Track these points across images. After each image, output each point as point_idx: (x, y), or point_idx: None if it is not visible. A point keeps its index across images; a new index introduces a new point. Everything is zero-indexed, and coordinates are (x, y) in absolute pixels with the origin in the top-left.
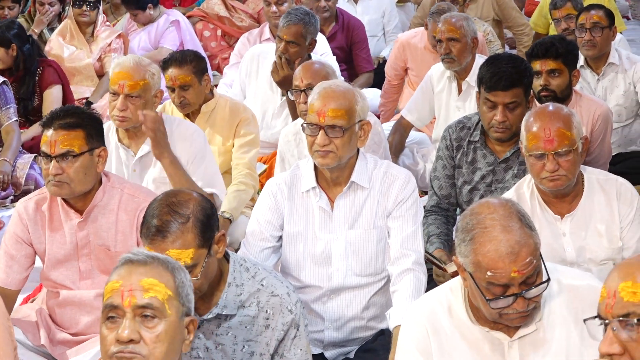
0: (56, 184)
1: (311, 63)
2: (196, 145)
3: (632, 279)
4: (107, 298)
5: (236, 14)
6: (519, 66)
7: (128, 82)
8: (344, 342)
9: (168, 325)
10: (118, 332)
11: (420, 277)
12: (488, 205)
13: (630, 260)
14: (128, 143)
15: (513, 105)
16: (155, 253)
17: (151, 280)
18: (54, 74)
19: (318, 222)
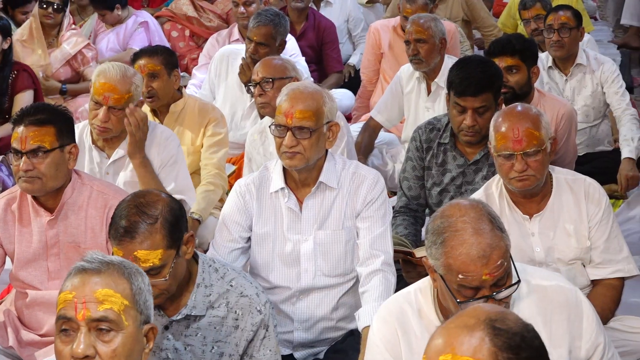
0: (27, 180)
1: (272, 58)
2: (170, 150)
3: (452, 350)
4: (61, 309)
5: (204, 14)
6: (489, 70)
7: (114, 96)
8: (314, 343)
9: (125, 338)
10: (73, 347)
11: (389, 277)
12: (459, 207)
13: (449, 325)
14: (102, 145)
15: (483, 109)
16: (110, 257)
17: (106, 290)
18: (28, 78)
19: (287, 222)
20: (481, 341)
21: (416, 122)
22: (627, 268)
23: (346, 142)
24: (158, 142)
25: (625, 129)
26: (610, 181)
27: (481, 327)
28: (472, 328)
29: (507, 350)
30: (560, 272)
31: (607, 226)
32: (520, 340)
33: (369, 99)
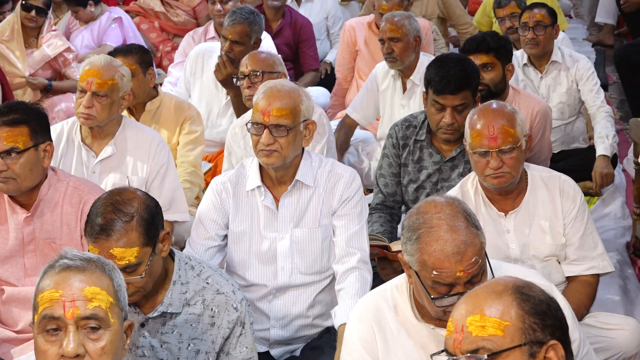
0: (2, 180)
1: (258, 52)
2: (161, 159)
3: (480, 312)
4: (45, 308)
5: (172, 10)
6: (467, 68)
7: (97, 80)
8: (290, 340)
9: (112, 335)
10: (63, 346)
11: (365, 275)
12: (435, 204)
13: (477, 291)
14: (90, 143)
15: (461, 107)
16: (89, 254)
17: (93, 288)
18: None
19: (263, 220)
20: (509, 305)
21: (392, 119)
22: (602, 265)
23: (327, 140)
24: (148, 148)
25: (600, 126)
26: (585, 178)
27: (509, 292)
28: (501, 293)
29: (534, 315)
30: (535, 268)
31: (582, 223)
32: (547, 308)
33: (344, 97)
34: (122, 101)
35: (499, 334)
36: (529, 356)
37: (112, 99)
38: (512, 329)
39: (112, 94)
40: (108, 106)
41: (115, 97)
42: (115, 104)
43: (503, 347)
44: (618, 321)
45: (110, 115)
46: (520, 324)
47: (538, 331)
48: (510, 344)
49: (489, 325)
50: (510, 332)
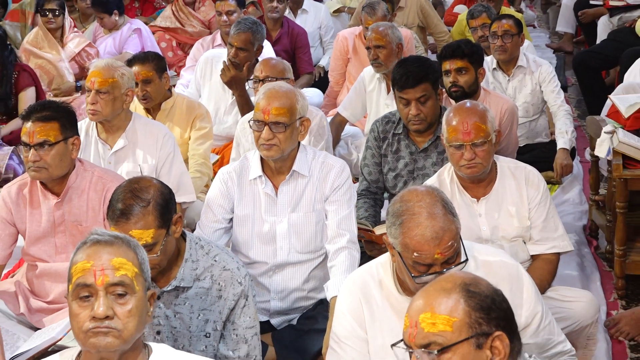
0: (35, 169)
1: (270, 58)
2: (166, 149)
3: (431, 309)
4: (78, 277)
5: (188, 21)
6: (423, 64)
7: (98, 79)
8: (288, 311)
9: (138, 300)
10: (93, 309)
11: (354, 253)
12: (416, 193)
13: (429, 288)
14: (105, 137)
15: (423, 98)
16: (117, 233)
17: (120, 259)
18: (29, 77)
19: (264, 206)
20: (457, 302)
21: (377, 117)
22: (562, 245)
23: (326, 140)
24: (155, 139)
25: (560, 123)
26: (548, 169)
27: (457, 290)
28: (449, 291)
29: (479, 310)
30: (504, 248)
31: (544, 208)
32: (491, 302)
33: (335, 98)
34: (125, 97)
35: (448, 330)
36: (476, 347)
37: (114, 95)
38: (459, 324)
39: (113, 91)
40: (111, 102)
41: (117, 94)
42: (118, 99)
43: (452, 341)
44: (576, 294)
45: (114, 110)
46: (467, 319)
47: (484, 324)
48: (458, 338)
49: (438, 322)
50: (458, 327)
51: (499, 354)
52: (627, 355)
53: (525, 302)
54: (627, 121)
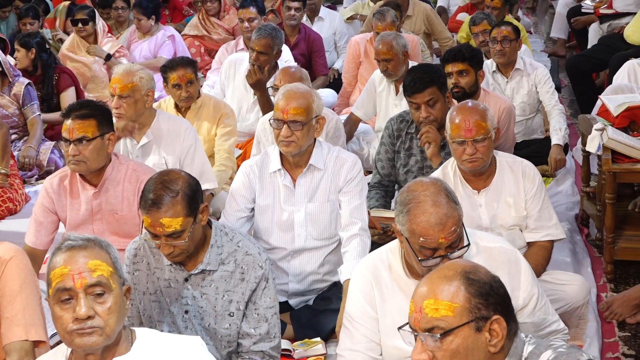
0: (75, 162)
1: (289, 67)
2: (188, 141)
3: (434, 296)
4: (57, 282)
5: (213, 29)
6: (430, 70)
7: (119, 86)
8: (305, 292)
9: (115, 297)
10: (75, 311)
11: (365, 240)
12: (422, 183)
13: (432, 276)
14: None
15: (432, 101)
16: (87, 235)
17: (95, 261)
18: (69, 78)
19: (283, 196)
20: (458, 289)
21: (387, 115)
22: (556, 232)
23: (342, 142)
24: (176, 133)
25: (555, 121)
26: (542, 163)
27: (458, 277)
28: (451, 278)
29: (478, 296)
30: (502, 235)
31: (539, 199)
32: (489, 289)
33: (348, 98)
34: (146, 97)
35: (450, 315)
36: (476, 330)
37: (135, 98)
38: (460, 309)
39: (134, 94)
40: (133, 104)
41: (138, 96)
42: (140, 101)
43: (453, 325)
44: (569, 278)
45: (137, 111)
46: (467, 304)
47: (482, 309)
48: (459, 322)
49: (441, 308)
50: (459, 312)
51: (497, 336)
52: (616, 334)
53: (523, 284)
54: (615, 119)
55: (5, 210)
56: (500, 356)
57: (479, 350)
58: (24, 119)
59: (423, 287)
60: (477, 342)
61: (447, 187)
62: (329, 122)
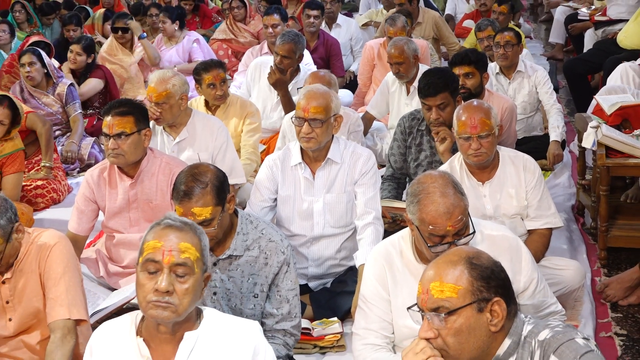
0: (114, 155)
1: (318, 71)
2: (220, 139)
3: (440, 279)
4: (148, 253)
5: (240, 33)
6: (444, 76)
7: (154, 94)
8: (323, 276)
9: (195, 281)
10: (157, 283)
11: (378, 228)
12: (431, 176)
13: (439, 260)
14: (169, 131)
15: (443, 105)
16: (187, 220)
17: (186, 244)
18: (100, 72)
19: (303, 188)
20: (462, 273)
21: (399, 114)
22: (554, 221)
23: (360, 137)
24: (210, 131)
25: (553, 119)
26: (542, 157)
27: (462, 262)
28: (456, 263)
29: (480, 280)
30: (504, 224)
31: (539, 190)
32: (491, 273)
33: (363, 98)
34: (180, 101)
35: (454, 296)
36: (478, 311)
37: (170, 104)
38: (463, 291)
39: (169, 100)
40: (169, 109)
41: (172, 102)
42: (175, 105)
43: (457, 305)
44: (565, 263)
45: (174, 114)
46: (470, 287)
47: (484, 292)
48: (462, 303)
49: (446, 290)
50: (462, 294)
51: (497, 316)
52: (609, 315)
53: (524, 269)
54: (609, 118)
55: (50, 200)
56: (501, 335)
57: (480, 329)
58: (66, 116)
59: (430, 270)
60: (479, 321)
61: (454, 179)
62: (351, 119)
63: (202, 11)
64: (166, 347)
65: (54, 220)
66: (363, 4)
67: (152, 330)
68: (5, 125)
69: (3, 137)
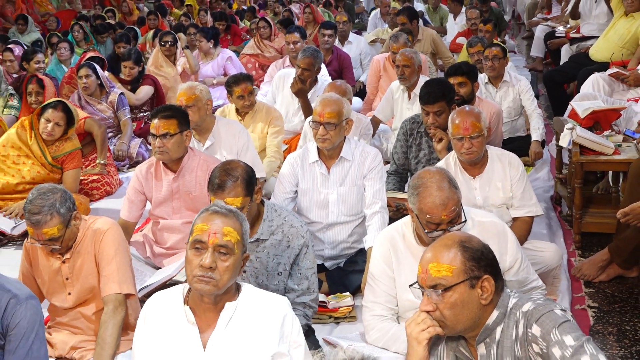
0: (160, 153)
1: (335, 82)
2: (242, 141)
3: (437, 260)
4: (197, 234)
5: (266, 49)
6: (443, 88)
7: (184, 98)
8: (337, 257)
9: (234, 260)
10: (202, 260)
11: (384, 216)
12: (429, 171)
13: (436, 244)
14: (198, 138)
15: (439, 112)
16: (232, 207)
17: (229, 228)
18: (150, 80)
19: (320, 182)
20: (455, 254)
21: (401, 117)
22: (535, 210)
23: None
24: (232, 134)
25: (534, 122)
26: (524, 155)
27: (455, 246)
28: (450, 246)
29: (471, 260)
30: (492, 212)
31: (522, 183)
32: (481, 254)
33: (371, 104)
34: (206, 106)
35: (449, 275)
36: (470, 287)
37: (198, 107)
38: (457, 270)
39: (197, 103)
40: (197, 111)
41: (200, 105)
42: (202, 108)
43: (452, 283)
44: (545, 246)
45: (201, 116)
46: (463, 266)
47: (475, 270)
48: (456, 280)
49: (442, 269)
50: (456, 273)
51: (487, 291)
52: (582, 290)
53: (509, 250)
54: (583, 121)
55: (104, 192)
56: (490, 307)
57: (472, 302)
58: (117, 120)
59: (428, 253)
60: (471, 296)
61: (449, 174)
62: (362, 123)
63: (233, 30)
64: (209, 314)
65: (107, 210)
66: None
67: (197, 300)
68: (61, 126)
69: (62, 137)
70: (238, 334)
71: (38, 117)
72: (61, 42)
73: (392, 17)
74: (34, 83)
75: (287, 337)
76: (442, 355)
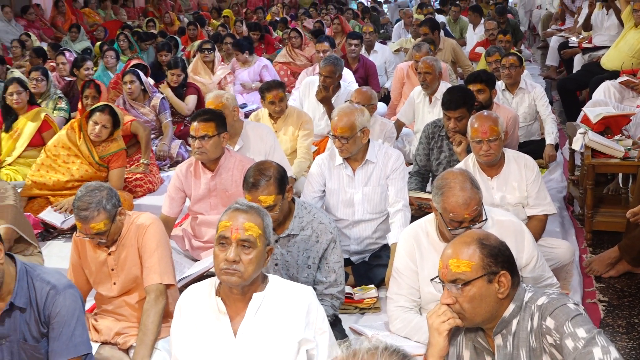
0: (199, 153)
1: (361, 88)
2: (268, 143)
3: (457, 256)
4: (221, 231)
5: (297, 57)
6: (464, 95)
7: (212, 106)
8: (362, 252)
9: (258, 253)
10: (226, 254)
11: (407, 214)
12: (453, 173)
13: (456, 241)
14: (229, 142)
15: (460, 118)
16: (253, 204)
17: (250, 224)
18: (194, 88)
19: (346, 182)
20: (474, 251)
21: (423, 121)
22: (549, 209)
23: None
24: (260, 137)
25: (548, 126)
26: (539, 157)
27: (474, 243)
28: (469, 243)
29: (489, 257)
30: (509, 211)
31: (537, 183)
32: (498, 251)
33: (395, 108)
34: (233, 112)
35: (468, 270)
36: (488, 282)
37: (225, 114)
38: (476, 266)
39: (224, 110)
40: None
41: (227, 112)
42: (229, 115)
43: (471, 277)
44: (558, 243)
45: (229, 123)
46: (481, 262)
47: (493, 266)
48: (475, 275)
49: (462, 265)
50: (475, 268)
51: (503, 286)
52: (593, 285)
53: (526, 248)
54: (594, 126)
55: (146, 190)
56: (507, 301)
57: (490, 296)
58: (159, 123)
59: (449, 249)
60: (489, 290)
61: (472, 176)
62: (387, 126)
63: (267, 40)
64: (239, 304)
65: (149, 206)
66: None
67: (227, 291)
68: (107, 128)
69: (108, 138)
70: (266, 322)
71: (86, 120)
72: (108, 50)
73: (415, 28)
74: (91, 88)
75: (312, 324)
76: (461, 345)
